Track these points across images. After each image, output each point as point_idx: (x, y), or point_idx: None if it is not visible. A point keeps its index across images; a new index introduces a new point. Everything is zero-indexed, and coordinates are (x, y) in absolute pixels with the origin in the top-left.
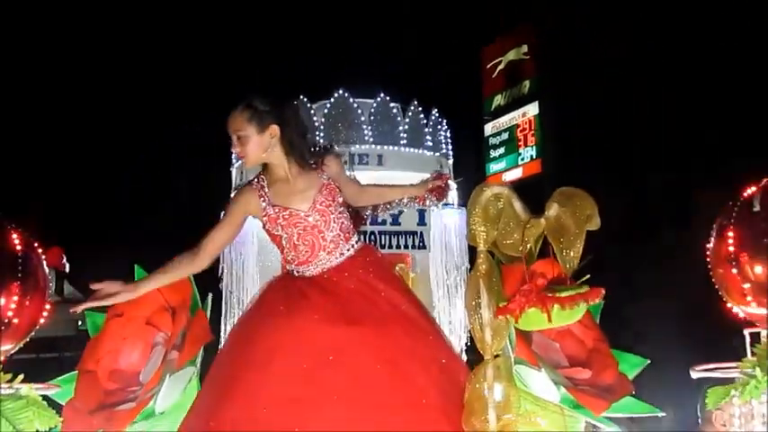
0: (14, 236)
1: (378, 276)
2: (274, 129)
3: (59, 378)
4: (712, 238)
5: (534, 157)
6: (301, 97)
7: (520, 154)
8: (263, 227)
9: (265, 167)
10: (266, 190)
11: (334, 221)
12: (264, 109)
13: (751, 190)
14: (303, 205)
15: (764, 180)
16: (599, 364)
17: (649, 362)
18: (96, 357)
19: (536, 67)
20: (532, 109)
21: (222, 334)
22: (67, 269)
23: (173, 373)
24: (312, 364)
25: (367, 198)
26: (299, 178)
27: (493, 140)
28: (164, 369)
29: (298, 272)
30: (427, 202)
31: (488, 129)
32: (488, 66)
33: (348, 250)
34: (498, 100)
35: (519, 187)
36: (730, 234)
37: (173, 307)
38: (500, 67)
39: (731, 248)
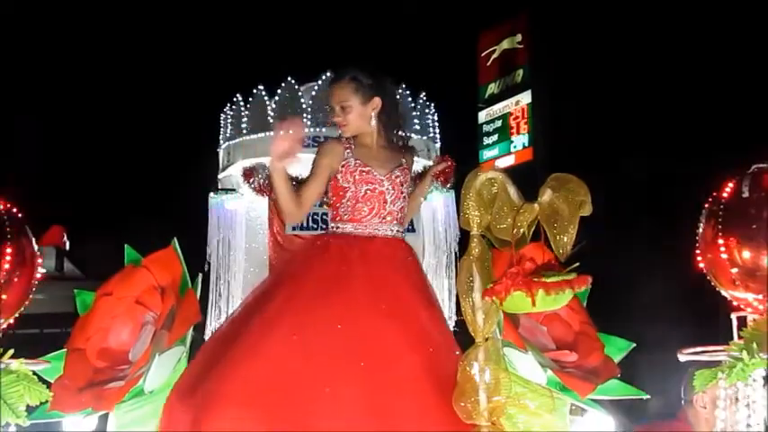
0: (1, 209)
1: (411, 268)
2: (377, 101)
3: (48, 355)
4: (701, 223)
5: (526, 144)
6: (289, 79)
7: (512, 141)
8: (332, 179)
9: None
10: (352, 145)
11: (400, 200)
12: (369, 82)
13: (740, 176)
14: (381, 171)
15: (753, 166)
16: (585, 348)
17: (635, 345)
18: (86, 336)
19: (529, 57)
20: (525, 98)
21: (209, 314)
22: (68, 247)
23: (162, 353)
24: (342, 339)
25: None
26: (383, 150)
27: (486, 128)
28: (153, 348)
29: (343, 229)
30: (432, 188)
31: (482, 116)
32: (483, 54)
33: (398, 233)
34: (492, 88)
35: (511, 174)
36: (719, 219)
37: (162, 286)
38: (494, 55)
39: (720, 233)
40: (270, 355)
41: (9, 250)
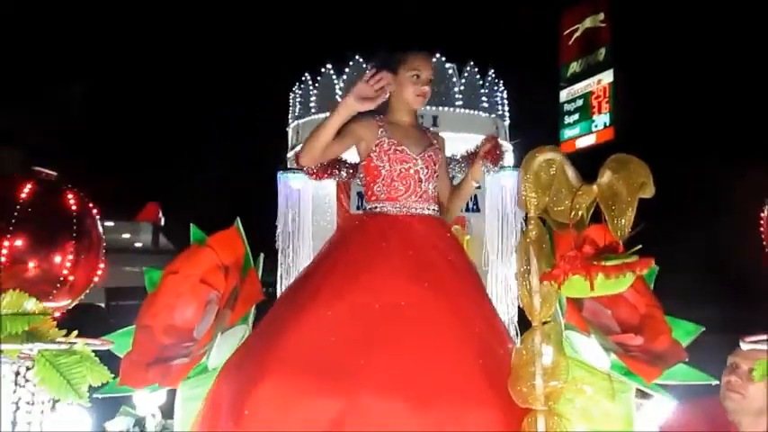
0: (70, 196)
1: (451, 245)
2: None
3: (118, 331)
4: (766, 206)
5: (608, 124)
6: (357, 57)
7: (594, 121)
8: (365, 158)
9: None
10: (385, 123)
11: (433, 179)
12: None
13: None
14: (414, 149)
15: None
16: (651, 331)
17: (704, 329)
18: (153, 312)
19: (612, 35)
20: (607, 76)
21: (278, 291)
22: (162, 222)
23: (224, 331)
24: (383, 310)
25: (447, 199)
26: (414, 129)
27: (567, 107)
28: (216, 326)
29: (381, 208)
30: (483, 169)
31: (563, 95)
32: (565, 33)
33: (433, 210)
34: (574, 67)
35: (592, 154)
36: None
37: (226, 266)
38: (577, 34)
39: None
40: (305, 330)
41: (75, 234)
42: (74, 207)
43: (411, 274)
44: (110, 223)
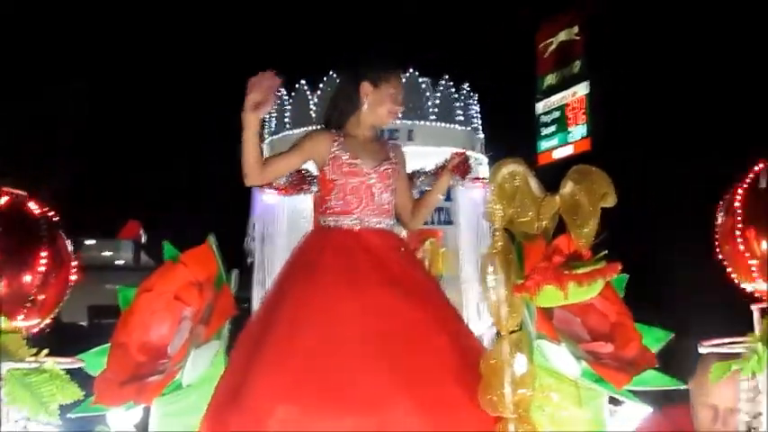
0: (39, 215)
1: (407, 257)
2: None
3: (93, 350)
4: (720, 214)
5: (584, 135)
6: (330, 73)
7: (570, 132)
8: (320, 171)
9: (332, 122)
10: (341, 137)
11: (387, 193)
12: None
13: (758, 167)
14: (369, 163)
15: None
16: (621, 338)
17: (674, 335)
18: (128, 330)
19: (586, 48)
20: (582, 89)
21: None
22: (144, 240)
23: (199, 347)
24: (374, 326)
25: (410, 211)
26: (372, 143)
27: (544, 118)
28: (190, 342)
29: (335, 222)
30: (452, 182)
31: (540, 107)
32: (541, 45)
33: (386, 224)
34: (550, 79)
35: (568, 164)
36: (737, 211)
37: (199, 282)
38: (552, 47)
39: (738, 225)
40: (301, 353)
41: (44, 253)
42: (44, 226)
43: (389, 287)
44: (91, 241)
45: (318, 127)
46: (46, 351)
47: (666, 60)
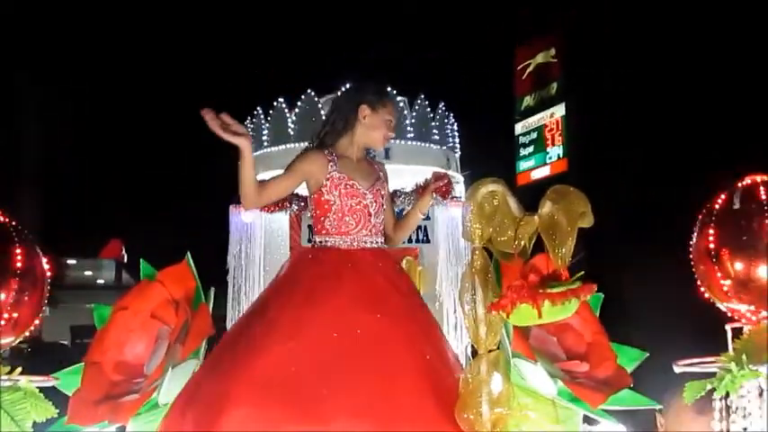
0: (12, 233)
1: (400, 277)
2: None
3: (66, 369)
4: (694, 235)
5: (561, 156)
6: (309, 91)
7: (548, 153)
8: (314, 192)
9: (326, 142)
10: (335, 157)
11: (381, 213)
12: None
13: (731, 188)
14: (364, 184)
15: (744, 178)
16: (597, 357)
17: (648, 355)
18: (102, 349)
19: (563, 71)
20: (559, 110)
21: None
22: (125, 259)
23: (175, 366)
24: (341, 340)
25: (391, 228)
26: (363, 163)
27: (522, 139)
28: (167, 361)
29: (330, 242)
30: (433, 203)
31: (518, 128)
32: (519, 68)
33: (380, 243)
34: (528, 101)
35: (547, 184)
36: (711, 231)
37: (176, 300)
38: (529, 69)
39: (711, 245)
40: (270, 360)
41: (19, 271)
42: (17, 244)
43: (366, 306)
44: (72, 261)
45: (309, 145)
46: (19, 369)
47: (642, 84)
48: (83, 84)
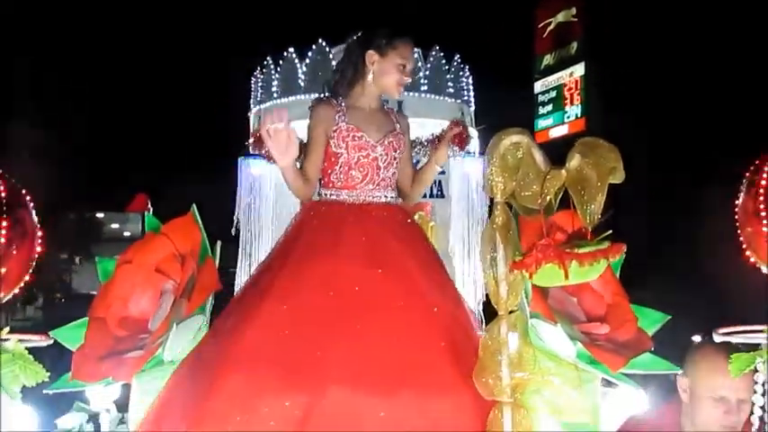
0: None
1: (410, 232)
2: None
3: (71, 324)
4: (741, 194)
5: (579, 115)
6: (320, 41)
7: (566, 112)
8: (326, 145)
9: (338, 92)
10: (344, 107)
11: (393, 165)
12: None
13: None
14: (374, 135)
15: None
16: (617, 320)
17: (671, 317)
18: (106, 304)
19: (583, 30)
20: (579, 69)
21: (237, 281)
22: (151, 212)
23: (180, 322)
24: (338, 299)
25: (409, 184)
26: (377, 113)
27: (542, 98)
28: (172, 317)
29: (335, 196)
30: (449, 153)
31: (538, 86)
32: (539, 26)
33: (391, 198)
34: (548, 59)
35: (564, 144)
36: (761, 190)
37: (182, 254)
38: (550, 27)
39: (761, 205)
40: (265, 321)
41: (5, 223)
42: (2, 195)
43: (366, 262)
44: (101, 215)
45: (321, 96)
46: (7, 329)
47: (662, 44)
48: (101, 43)
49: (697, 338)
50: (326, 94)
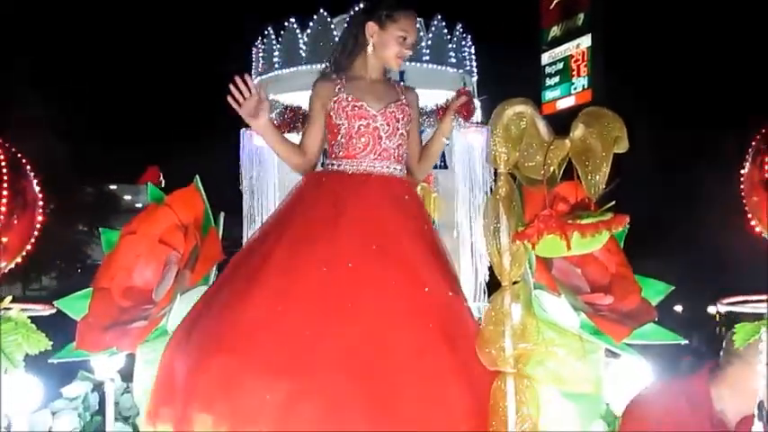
0: None
1: (409, 207)
2: None
3: (75, 294)
4: (747, 164)
5: (586, 86)
6: (321, 11)
7: (573, 83)
8: (325, 117)
9: (341, 64)
10: (343, 80)
11: (396, 137)
12: None
13: None
14: (375, 105)
15: None
16: (621, 290)
17: (674, 288)
18: (110, 274)
19: (591, 1)
20: (585, 41)
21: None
22: (163, 185)
23: (184, 292)
24: (333, 278)
25: (416, 159)
26: (379, 84)
27: (549, 69)
28: (175, 288)
29: (338, 166)
30: (454, 123)
31: (545, 58)
32: None
33: (397, 171)
34: (555, 31)
35: (571, 115)
36: (767, 159)
37: (185, 225)
38: None
39: (767, 174)
40: (259, 300)
41: (5, 192)
42: (3, 164)
43: (362, 238)
44: (113, 186)
45: (325, 67)
46: (10, 298)
47: (669, 16)
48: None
49: (723, 308)
50: (329, 68)
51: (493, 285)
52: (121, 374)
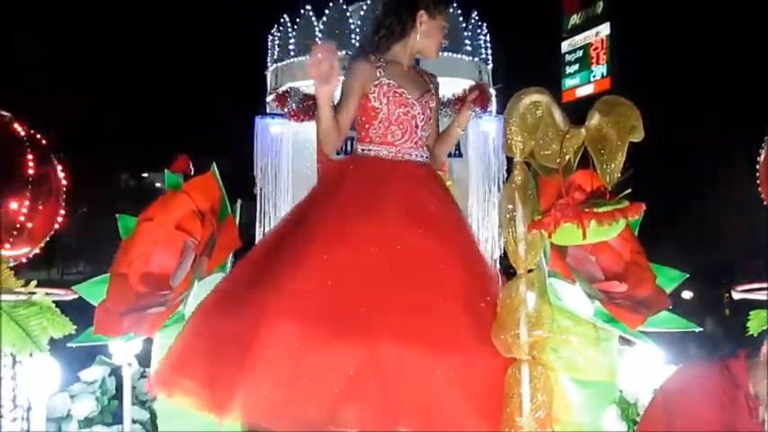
0: (25, 139)
1: (444, 192)
2: None
3: (92, 279)
4: (762, 151)
5: (605, 74)
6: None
7: (592, 71)
8: (361, 98)
9: (379, 46)
10: (383, 63)
11: (428, 126)
12: None
13: None
14: (414, 93)
15: None
16: (636, 278)
17: (688, 276)
18: (128, 260)
19: None
20: (605, 29)
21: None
22: (192, 172)
23: (201, 279)
24: (382, 255)
25: (434, 142)
26: (413, 72)
27: (569, 57)
28: (193, 274)
29: (374, 152)
30: (470, 113)
31: (565, 46)
32: None
33: (425, 158)
34: (575, 19)
35: (590, 103)
36: None
37: (202, 212)
38: None
39: None
40: (309, 273)
41: (30, 178)
42: (29, 152)
43: (408, 221)
44: (144, 174)
45: (359, 50)
46: (35, 282)
47: (687, 3)
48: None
49: (737, 295)
50: (366, 48)
51: (503, 273)
52: (138, 359)
